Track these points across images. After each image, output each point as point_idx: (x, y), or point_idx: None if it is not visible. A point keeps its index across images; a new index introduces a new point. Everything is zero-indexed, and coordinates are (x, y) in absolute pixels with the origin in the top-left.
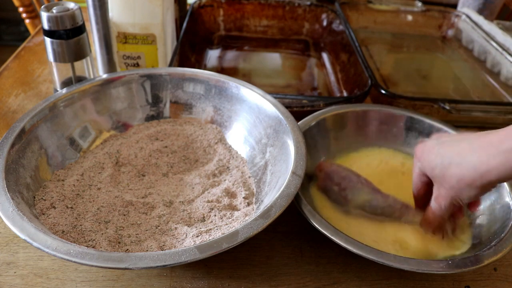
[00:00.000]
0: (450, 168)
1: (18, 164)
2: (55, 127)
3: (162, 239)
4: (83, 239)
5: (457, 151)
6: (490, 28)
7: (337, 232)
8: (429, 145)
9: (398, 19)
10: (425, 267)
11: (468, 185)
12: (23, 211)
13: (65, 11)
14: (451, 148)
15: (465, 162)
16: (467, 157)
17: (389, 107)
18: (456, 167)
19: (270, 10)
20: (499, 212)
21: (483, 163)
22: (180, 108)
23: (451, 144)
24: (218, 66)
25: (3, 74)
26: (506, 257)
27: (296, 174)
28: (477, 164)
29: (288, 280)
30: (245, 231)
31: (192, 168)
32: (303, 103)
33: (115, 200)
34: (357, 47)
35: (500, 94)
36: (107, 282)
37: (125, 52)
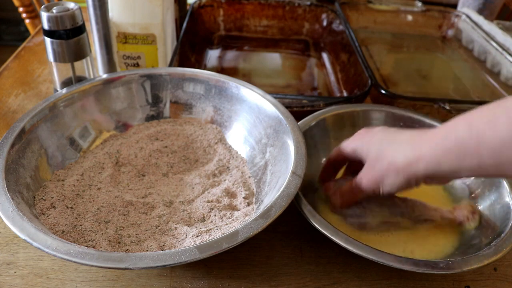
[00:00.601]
0: (386, 151)
1: (18, 164)
2: (55, 127)
3: (162, 239)
4: (83, 239)
5: (398, 139)
6: (490, 28)
7: (337, 232)
8: (374, 131)
9: (398, 19)
10: (425, 267)
11: (395, 171)
12: (23, 211)
13: (65, 11)
14: (394, 135)
15: (400, 148)
16: (403, 144)
17: (389, 107)
18: (392, 151)
19: (270, 10)
20: (499, 212)
21: (414, 152)
22: (180, 108)
23: (394, 133)
24: (218, 66)
25: (3, 74)
26: (506, 257)
27: (296, 174)
28: (408, 152)
29: (288, 280)
30: (245, 231)
31: (192, 168)
32: (303, 103)
33: (115, 200)
34: (357, 47)
35: (500, 94)
36: (107, 282)
37: (125, 52)
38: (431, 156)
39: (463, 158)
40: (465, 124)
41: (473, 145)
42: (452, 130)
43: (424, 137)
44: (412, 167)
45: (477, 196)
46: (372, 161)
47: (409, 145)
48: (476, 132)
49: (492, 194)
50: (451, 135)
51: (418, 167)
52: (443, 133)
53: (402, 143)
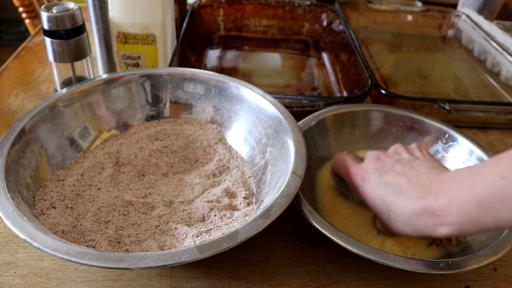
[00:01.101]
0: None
1: (18, 164)
2: (55, 127)
3: (162, 239)
4: (83, 239)
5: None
6: (490, 28)
7: (337, 232)
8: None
9: (398, 19)
10: (425, 267)
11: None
12: (23, 211)
13: (65, 11)
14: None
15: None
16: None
17: (389, 107)
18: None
19: (270, 10)
20: None
21: (430, 230)
22: (180, 108)
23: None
24: (218, 66)
25: (3, 74)
26: (506, 257)
27: (296, 174)
28: (423, 229)
29: (288, 280)
30: (245, 231)
31: (192, 168)
32: (303, 103)
33: (115, 200)
34: (357, 47)
35: (500, 94)
36: (107, 282)
37: (125, 52)
38: (452, 232)
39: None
40: (476, 204)
41: (491, 224)
42: (463, 211)
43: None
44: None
45: None
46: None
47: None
48: (491, 214)
49: None
50: (465, 216)
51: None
52: (455, 211)
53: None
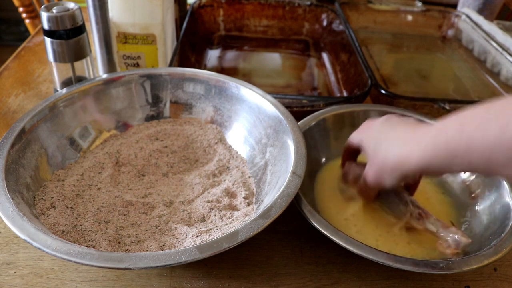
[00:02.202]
0: (381, 147)
1: (18, 164)
2: (55, 127)
3: (162, 239)
4: (83, 239)
5: (392, 135)
6: (490, 28)
7: (337, 232)
8: (373, 124)
9: (398, 19)
10: (425, 267)
11: (390, 169)
12: (23, 211)
13: (65, 11)
14: (390, 130)
15: (392, 146)
16: (395, 142)
17: (389, 107)
18: (385, 149)
19: (270, 10)
20: (499, 212)
21: (405, 151)
22: (180, 108)
23: (392, 127)
24: (218, 66)
25: (3, 74)
26: (506, 257)
27: (296, 174)
28: (399, 150)
29: (288, 280)
30: (245, 231)
31: (192, 168)
32: (303, 103)
33: (115, 200)
34: (357, 47)
35: (500, 94)
36: (107, 282)
37: (125, 52)
38: (421, 155)
39: (453, 158)
40: (456, 126)
41: (463, 148)
42: (443, 131)
43: (415, 135)
44: (403, 165)
45: (477, 196)
46: (371, 156)
47: (401, 143)
48: (466, 136)
49: (492, 194)
50: (441, 136)
51: (409, 165)
52: (434, 132)
53: (395, 140)
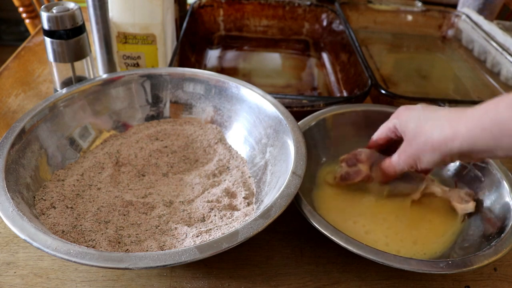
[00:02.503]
0: (425, 126)
1: (18, 164)
2: (55, 127)
3: (162, 239)
4: (83, 239)
5: (436, 115)
6: (490, 28)
7: (337, 232)
8: (413, 107)
9: (398, 19)
10: (425, 267)
11: (431, 148)
12: (23, 211)
13: (65, 11)
14: (433, 111)
15: (437, 125)
16: (440, 120)
17: (389, 107)
18: (429, 127)
19: (270, 10)
20: (499, 212)
21: (451, 129)
22: (180, 108)
23: (434, 109)
24: (218, 66)
25: (3, 74)
26: (506, 257)
27: (296, 174)
28: (445, 129)
29: (288, 280)
30: (245, 231)
31: (192, 168)
32: (303, 103)
33: (115, 200)
34: (357, 47)
35: (500, 94)
36: (107, 282)
37: (125, 52)
38: (467, 134)
39: (500, 138)
40: (507, 105)
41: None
42: (492, 109)
43: (462, 114)
44: (447, 145)
45: (477, 196)
46: (410, 137)
47: (447, 122)
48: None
49: (492, 194)
50: (490, 113)
51: (453, 145)
52: (483, 111)
53: (440, 119)
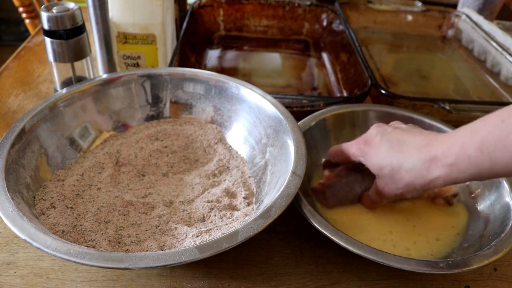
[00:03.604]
0: (400, 172)
1: (18, 164)
2: (55, 127)
3: (162, 239)
4: (83, 239)
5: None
6: (490, 28)
7: (337, 232)
8: (376, 142)
9: (398, 19)
10: (425, 267)
11: (415, 189)
12: (23, 211)
13: (65, 11)
14: (400, 150)
15: (414, 169)
16: (416, 164)
17: (389, 107)
18: (406, 172)
19: (270, 10)
20: (499, 212)
21: (431, 173)
22: (180, 108)
23: (399, 145)
24: (218, 66)
25: (3, 74)
26: (506, 257)
27: (296, 174)
28: (425, 173)
29: (288, 280)
30: (245, 231)
31: (192, 168)
32: (303, 103)
33: (115, 200)
34: (357, 47)
35: (500, 94)
36: (107, 282)
37: (125, 52)
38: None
39: (479, 174)
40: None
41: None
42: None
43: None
44: (430, 185)
45: (477, 196)
46: (387, 180)
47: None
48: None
49: (492, 194)
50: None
51: (436, 184)
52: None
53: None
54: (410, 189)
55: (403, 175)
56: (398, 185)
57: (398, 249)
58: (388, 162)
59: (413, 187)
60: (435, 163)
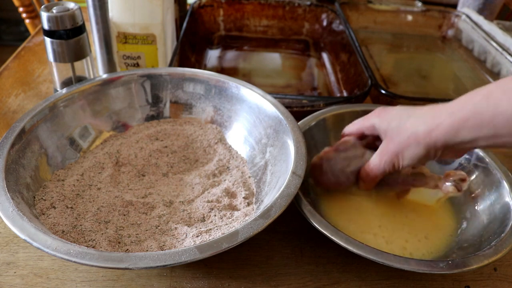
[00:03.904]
0: (407, 123)
1: (18, 164)
2: (55, 127)
3: (162, 239)
4: (83, 239)
5: (418, 112)
6: (490, 28)
7: (337, 232)
8: (392, 107)
9: (398, 19)
10: (425, 267)
11: (416, 142)
12: (23, 211)
13: (65, 11)
14: (414, 109)
15: (420, 119)
16: (423, 115)
17: None
18: (412, 122)
19: (270, 10)
20: (499, 212)
21: (434, 121)
22: (180, 108)
23: (414, 108)
24: (218, 66)
25: (3, 74)
26: (506, 257)
27: (296, 174)
28: (429, 120)
29: (288, 280)
30: (245, 231)
31: (192, 168)
32: (303, 103)
33: (115, 200)
34: (357, 47)
35: None
36: (107, 282)
37: (125, 52)
38: (450, 124)
39: (480, 127)
40: (483, 95)
41: (489, 115)
42: (469, 100)
43: (443, 108)
44: (432, 136)
45: (477, 196)
46: (392, 135)
47: (429, 115)
48: (493, 102)
49: (492, 194)
50: (469, 104)
51: (438, 135)
52: (462, 102)
53: (422, 115)
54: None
55: (409, 126)
56: (401, 137)
57: (391, 246)
58: (399, 114)
59: (415, 138)
60: (440, 111)
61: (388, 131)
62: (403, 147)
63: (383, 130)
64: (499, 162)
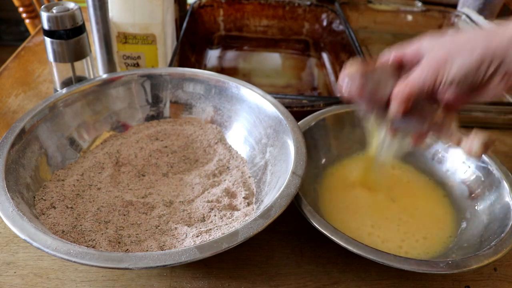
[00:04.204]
0: (467, 32)
1: (18, 164)
2: (55, 127)
3: (162, 239)
4: (83, 239)
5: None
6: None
7: (337, 232)
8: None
9: (398, 19)
10: (425, 267)
11: (472, 47)
12: (23, 211)
13: (65, 11)
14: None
15: (477, 33)
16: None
17: None
18: (470, 32)
19: (270, 10)
20: (499, 212)
21: (499, 27)
22: (180, 108)
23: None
24: (218, 66)
25: (3, 74)
26: (506, 257)
27: (296, 174)
28: (492, 27)
29: (288, 280)
30: (245, 231)
31: (192, 168)
32: (303, 103)
33: (115, 200)
34: (357, 47)
35: None
36: (107, 282)
37: (125, 52)
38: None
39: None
40: None
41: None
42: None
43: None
44: (493, 41)
45: (477, 196)
46: (445, 42)
47: (493, 27)
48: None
49: (492, 194)
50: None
51: (501, 40)
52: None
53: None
54: (466, 47)
55: (468, 33)
56: (455, 42)
57: (387, 245)
58: (451, 34)
59: (473, 41)
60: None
61: (439, 42)
62: (455, 52)
63: (432, 46)
64: (499, 162)
